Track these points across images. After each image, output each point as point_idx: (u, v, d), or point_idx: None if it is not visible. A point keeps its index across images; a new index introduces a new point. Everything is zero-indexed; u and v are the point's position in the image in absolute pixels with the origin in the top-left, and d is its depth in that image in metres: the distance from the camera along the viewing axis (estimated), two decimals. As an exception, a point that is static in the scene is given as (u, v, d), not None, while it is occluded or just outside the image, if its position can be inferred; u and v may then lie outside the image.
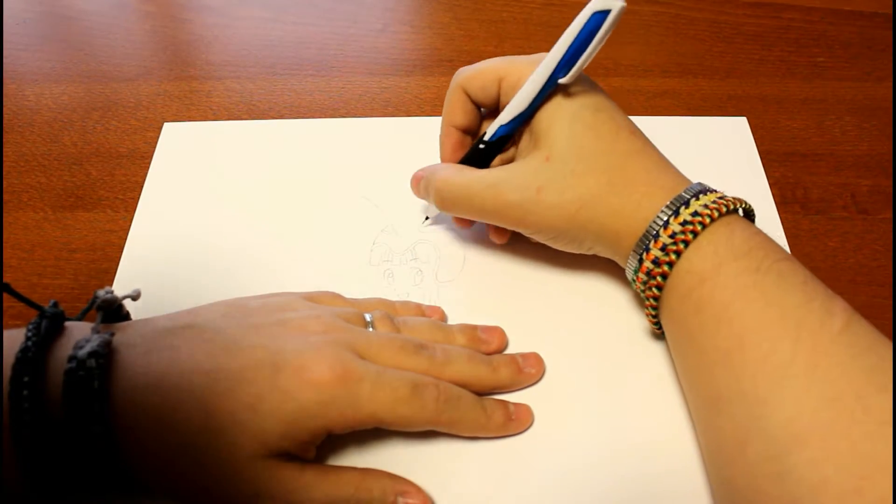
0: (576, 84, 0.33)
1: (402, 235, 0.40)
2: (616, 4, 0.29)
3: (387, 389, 0.29)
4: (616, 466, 0.31)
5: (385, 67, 0.50)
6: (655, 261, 0.30)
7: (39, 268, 0.39)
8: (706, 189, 0.31)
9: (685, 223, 0.30)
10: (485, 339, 0.34)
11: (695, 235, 0.29)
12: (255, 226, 0.40)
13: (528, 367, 0.34)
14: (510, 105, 0.34)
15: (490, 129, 0.35)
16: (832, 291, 0.28)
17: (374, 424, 0.29)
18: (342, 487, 0.29)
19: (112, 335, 0.28)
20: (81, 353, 0.26)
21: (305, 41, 0.52)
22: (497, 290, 0.37)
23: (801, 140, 0.45)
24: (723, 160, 0.43)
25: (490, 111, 0.37)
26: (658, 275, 0.30)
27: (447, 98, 0.37)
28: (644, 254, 0.31)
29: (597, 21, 0.30)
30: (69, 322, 0.29)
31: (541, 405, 0.33)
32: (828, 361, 0.25)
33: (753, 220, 0.32)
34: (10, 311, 0.36)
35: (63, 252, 0.40)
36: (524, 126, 0.34)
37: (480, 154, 0.36)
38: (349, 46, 0.51)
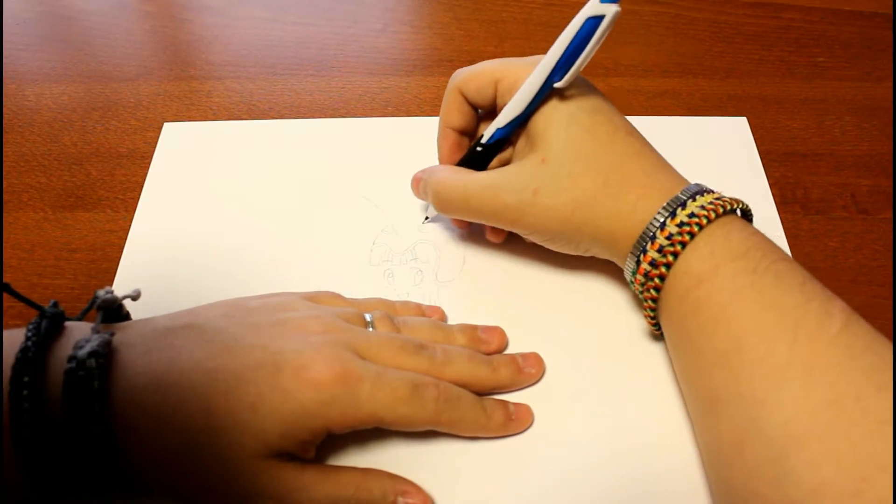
0: (572, 86, 0.33)
1: (402, 235, 0.40)
2: (610, 10, 0.29)
3: (387, 389, 0.29)
4: (616, 466, 0.31)
5: (385, 67, 0.50)
6: (653, 262, 0.30)
7: (39, 268, 0.39)
8: (703, 190, 0.31)
9: (682, 224, 0.29)
10: (485, 339, 0.34)
11: (692, 237, 0.29)
12: (255, 226, 0.40)
13: (528, 367, 0.34)
14: (506, 108, 0.34)
15: (487, 132, 0.35)
16: (830, 292, 0.28)
17: (375, 424, 0.29)
18: (342, 487, 0.29)
19: (112, 335, 0.28)
20: (81, 353, 0.26)
21: (305, 41, 0.52)
22: (497, 290, 0.37)
23: (801, 140, 0.45)
24: (723, 160, 0.43)
25: (487, 112, 0.37)
26: (655, 276, 0.30)
27: (444, 100, 0.37)
28: (641, 255, 0.31)
29: (591, 26, 0.30)
30: (69, 322, 0.29)
31: (541, 405, 0.33)
32: (826, 363, 0.25)
33: (751, 221, 0.32)
34: (10, 311, 0.36)
35: (63, 252, 0.40)
36: (521, 128, 0.34)
37: (478, 156, 0.36)
38: (349, 46, 0.51)
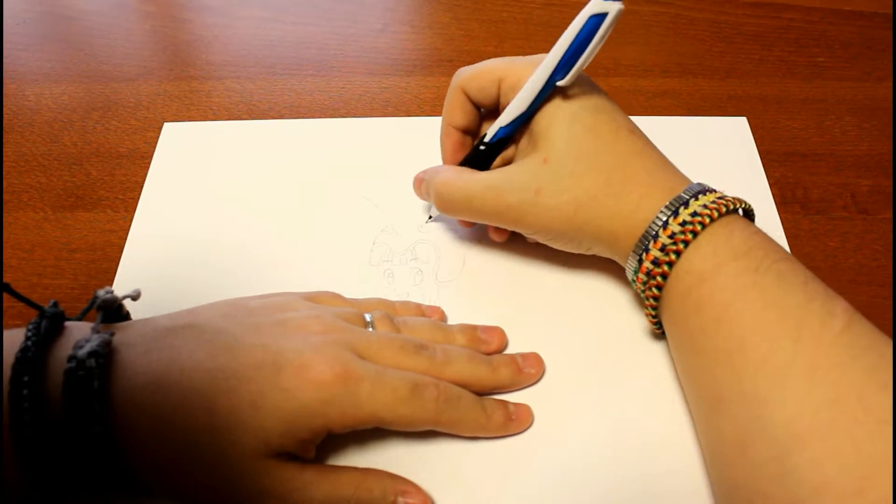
0: (576, 85, 0.33)
1: (402, 235, 0.40)
2: (613, 7, 0.29)
3: (387, 389, 0.29)
4: (616, 466, 0.31)
5: (385, 67, 0.50)
6: (655, 261, 0.30)
7: (39, 268, 0.39)
8: (706, 189, 0.31)
9: (684, 223, 0.29)
10: (485, 339, 0.34)
11: (694, 235, 0.29)
12: (255, 226, 0.40)
13: (528, 367, 0.34)
14: (510, 107, 0.34)
15: (490, 131, 0.35)
16: (833, 291, 0.28)
17: (375, 424, 0.29)
18: (342, 487, 0.29)
19: (112, 335, 0.28)
20: (81, 353, 0.26)
21: (305, 41, 0.52)
22: (497, 290, 0.37)
23: (801, 140, 0.45)
24: (723, 160, 0.43)
25: (489, 112, 0.37)
26: (657, 275, 0.30)
27: (447, 99, 0.37)
28: (643, 254, 0.31)
29: (594, 24, 0.30)
30: (69, 322, 0.29)
31: (541, 405, 0.33)
32: (829, 362, 0.25)
33: (753, 220, 0.32)
34: (10, 311, 0.36)
35: (63, 252, 0.40)
36: (524, 127, 0.34)
37: (481, 155, 0.36)
38: (349, 46, 0.51)
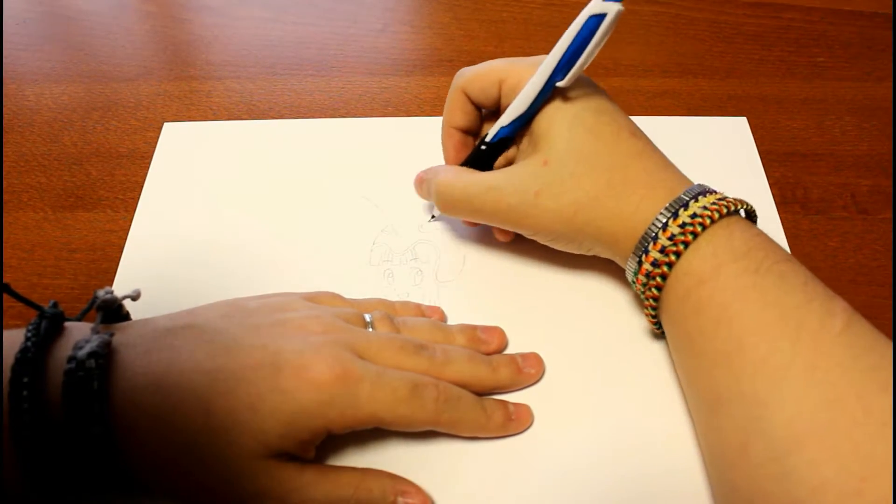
0: (576, 86, 0.33)
1: (402, 235, 0.40)
2: (612, 8, 0.29)
3: (386, 389, 0.29)
4: (616, 467, 0.31)
5: (385, 67, 0.50)
6: (654, 262, 0.30)
7: (39, 268, 0.39)
8: (706, 190, 0.31)
9: (684, 225, 0.29)
10: (484, 340, 0.34)
11: (694, 237, 0.29)
12: (255, 226, 0.40)
13: (528, 367, 0.34)
14: (510, 107, 0.34)
15: (491, 132, 0.35)
16: (833, 292, 0.28)
17: (374, 424, 0.29)
18: (342, 487, 0.29)
19: (112, 335, 0.28)
20: (81, 354, 0.26)
21: (305, 41, 0.52)
22: (497, 290, 0.37)
23: (801, 140, 0.45)
24: (723, 160, 0.43)
25: (490, 112, 0.37)
26: (657, 275, 0.30)
27: (448, 99, 0.37)
28: (643, 255, 0.31)
29: (593, 24, 0.30)
30: (69, 322, 0.29)
31: (541, 405, 0.33)
32: (828, 362, 0.25)
33: (755, 222, 0.32)
34: (10, 311, 0.36)
35: (63, 252, 0.40)
36: (525, 128, 0.34)
37: (482, 155, 0.36)
38: (349, 46, 0.51)
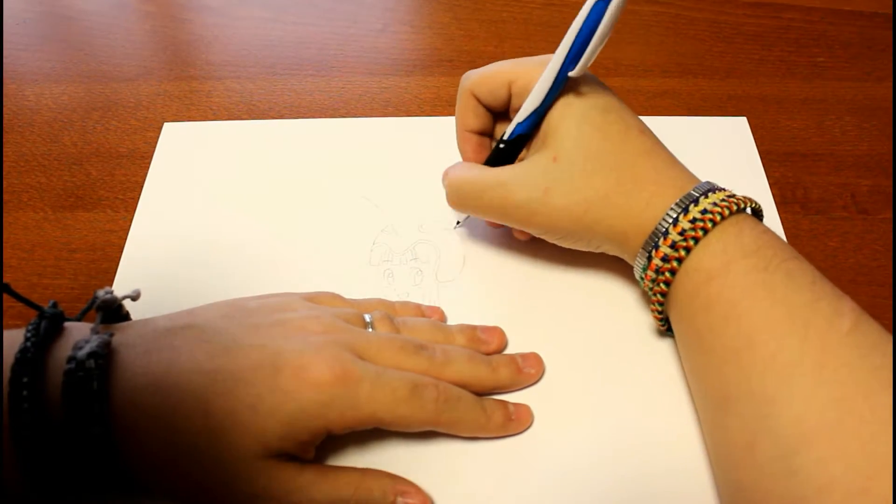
0: (585, 85, 0.33)
1: (402, 235, 0.40)
2: None
3: (386, 390, 0.29)
4: (617, 467, 0.31)
5: (385, 67, 0.50)
6: (665, 258, 0.30)
7: (39, 268, 0.39)
8: (715, 188, 0.31)
9: (694, 221, 0.30)
10: (484, 340, 0.34)
11: (704, 233, 0.29)
12: (255, 226, 0.40)
13: (528, 368, 0.34)
14: (525, 102, 0.33)
15: (508, 129, 0.35)
16: (840, 291, 0.28)
17: (374, 425, 0.29)
18: (342, 488, 0.29)
19: (111, 336, 0.28)
20: (80, 354, 0.26)
21: (305, 41, 0.52)
22: (497, 290, 0.37)
23: (801, 140, 0.45)
24: (723, 160, 0.43)
25: (501, 114, 0.37)
26: (666, 271, 0.30)
27: (458, 103, 0.36)
28: (653, 251, 0.31)
29: (599, 11, 0.30)
30: (69, 322, 0.29)
31: (541, 405, 0.33)
32: (836, 361, 0.25)
33: (762, 220, 0.32)
34: (10, 312, 0.36)
35: (63, 252, 0.40)
36: (540, 123, 0.34)
37: (502, 154, 0.35)
38: (349, 46, 0.51)
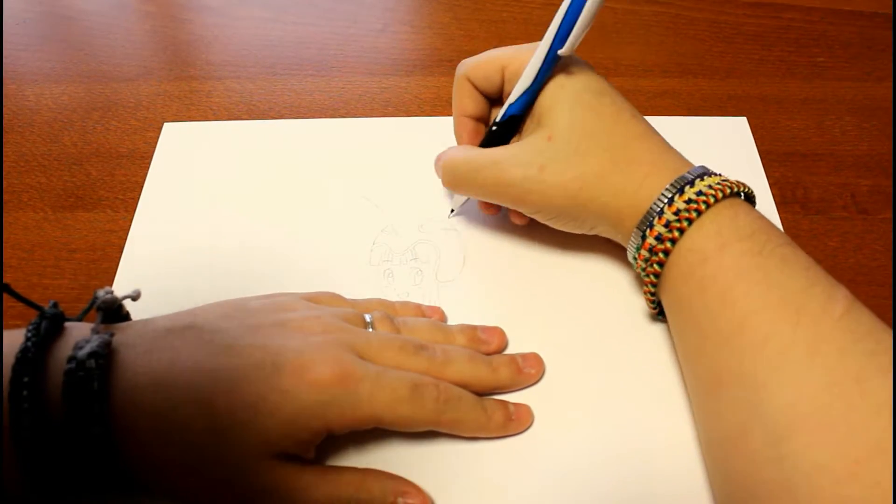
0: (576, 69, 0.33)
1: (402, 235, 0.40)
2: None
3: (387, 390, 0.29)
4: (618, 466, 0.31)
5: (385, 67, 0.50)
6: (658, 237, 0.30)
7: (39, 268, 0.39)
8: (709, 172, 0.31)
9: (690, 202, 0.30)
10: (484, 340, 0.34)
11: (699, 214, 0.29)
12: (255, 226, 0.40)
13: (528, 368, 0.34)
14: (517, 84, 0.34)
15: (500, 111, 0.35)
16: (834, 279, 0.28)
17: (374, 424, 0.29)
18: (342, 488, 0.29)
19: (112, 336, 0.28)
20: (81, 354, 0.26)
21: (305, 41, 0.52)
22: (497, 290, 0.37)
23: (801, 140, 0.45)
24: (723, 160, 0.42)
25: (495, 101, 0.37)
26: (660, 251, 0.30)
27: (454, 90, 0.37)
28: (647, 230, 0.31)
29: None
30: (69, 322, 0.29)
31: (541, 405, 0.33)
32: (828, 346, 0.26)
33: (755, 206, 0.32)
34: (11, 312, 0.36)
35: (63, 252, 0.40)
36: (532, 105, 0.35)
37: (494, 136, 0.36)
38: (349, 46, 0.51)
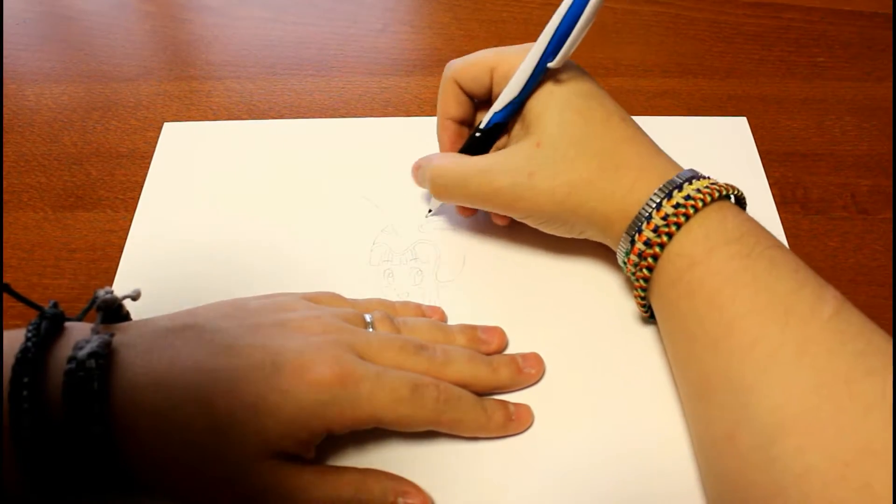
0: (567, 73, 0.33)
1: (402, 235, 0.40)
2: None
3: (387, 390, 0.29)
4: (617, 466, 0.31)
5: (385, 67, 0.50)
6: (647, 242, 0.30)
7: (39, 268, 0.39)
8: (699, 175, 0.31)
9: (678, 206, 0.30)
10: (485, 340, 0.34)
11: (687, 218, 0.29)
12: (255, 226, 0.40)
13: (528, 368, 0.34)
14: (503, 92, 0.34)
15: (485, 118, 0.35)
16: (823, 280, 0.28)
17: (374, 424, 0.29)
18: (342, 488, 0.29)
19: (112, 336, 0.28)
20: (81, 354, 0.26)
21: (305, 41, 0.52)
22: (497, 290, 0.37)
23: (801, 140, 0.45)
24: (723, 160, 0.43)
25: (483, 102, 0.37)
26: (649, 256, 0.30)
27: (440, 91, 0.37)
28: (636, 235, 0.31)
29: (580, 4, 0.30)
30: (69, 322, 0.29)
31: (541, 405, 0.33)
32: (817, 348, 0.25)
33: (745, 208, 0.32)
34: (11, 312, 0.36)
35: (63, 252, 0.40)
36: (517, 113, 0.35)
37: (477, 142, 0.36)
38: (349, 46, 0.51)
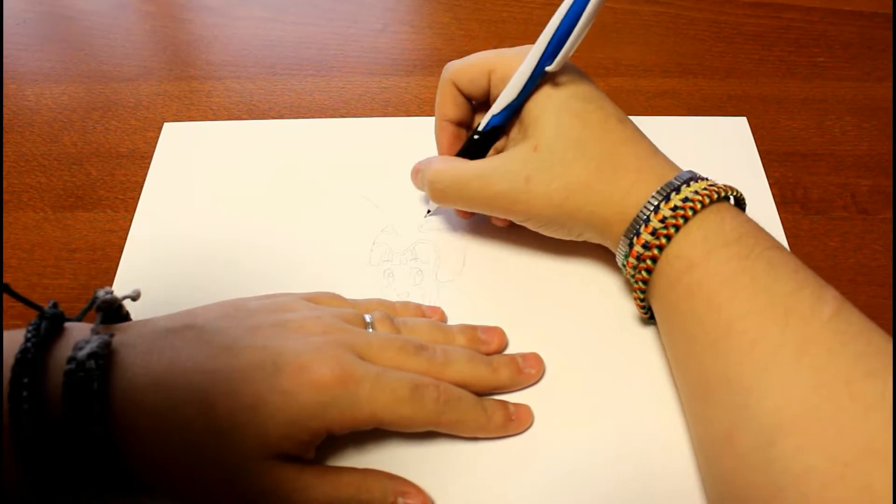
0: (565, 75, 0.33)
1: (402, 235, 0.40)
2: None
3: (387, 390, 0.29)
4: (617, 466, 0.31)
5: (385, 67, 0.50)
6: (645, 245, 0.30)
7: (39, 268, 0.39)
8: (697, 177, 0.31)
9: (676, 209, 0.30)
10: (485, 340, 0.34)
11: (685, 221, 0.29)
12: (255, 226, 0.40)
13: (528, 368, 0.34)
14: (501, 95, 0.34)
15: (483, 120, 0.35)
16: (823, 280, 0.28)
17: (374, 425, 0.29)
18: (342, 488, 0.29)
19: (112, 336, 0.28)
20: (81, 355, 0.26)
21: (305, 41, 0.52)
22: (497, 291, 0.37)
23: (801, 140, 0.45)
24: (723, 160, 0.43)
25: (481, 103, 0.37)
26: (647, 258, 0.30)
27: (438, 93, 0.37)
28: (634, 238, 0.31)
29: (579, 7, 0.30)
30: (69, 323, 0.29)
31: (541, 405, 0.33)
32: (816, 348, 0.25)
33: (744, 209, 0.32)
34: (11, 312, 0.36)
35: (63, 252, 0.40)
36: (515, 116, 0.35)
37: (475, 145, 0.36)
38: (349, 46, 0.51)
